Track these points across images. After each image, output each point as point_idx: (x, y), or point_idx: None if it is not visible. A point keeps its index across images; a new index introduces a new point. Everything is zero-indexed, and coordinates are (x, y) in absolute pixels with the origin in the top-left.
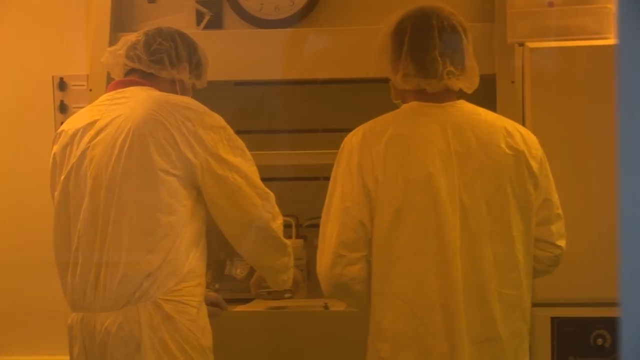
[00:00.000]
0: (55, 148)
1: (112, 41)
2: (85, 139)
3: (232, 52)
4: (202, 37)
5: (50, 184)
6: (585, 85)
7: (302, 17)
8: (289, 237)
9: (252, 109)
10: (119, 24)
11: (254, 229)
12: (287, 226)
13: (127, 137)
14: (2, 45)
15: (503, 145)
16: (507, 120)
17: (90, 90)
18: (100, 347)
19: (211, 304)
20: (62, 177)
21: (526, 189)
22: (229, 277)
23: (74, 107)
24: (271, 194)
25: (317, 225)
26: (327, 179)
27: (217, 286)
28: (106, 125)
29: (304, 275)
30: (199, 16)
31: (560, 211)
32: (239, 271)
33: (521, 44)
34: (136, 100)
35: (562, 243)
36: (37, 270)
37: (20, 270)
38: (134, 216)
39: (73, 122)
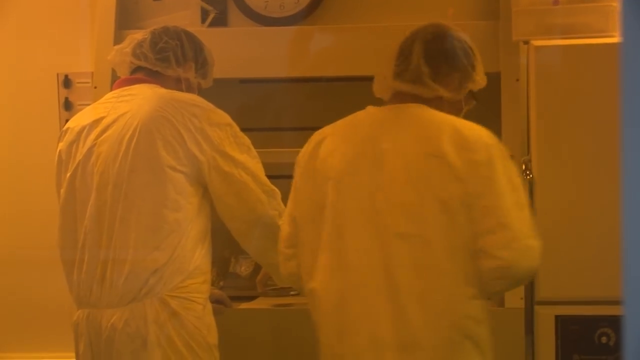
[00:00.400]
0: (61, 145)
1: (117, 39)
2: (92, 136)
3: (237, 50)
4: (206, 35)
5: (55, 181)
6: (590, 83)
7: (307, 14)
8: None
9: (257, 107)
10: (124, 21)
11: (260, 226)
12: None
13: (134, 134)
14: (7, 42)
15: (429, 148)
16: (455, 122)
17: (95, 87)
18: (107, 343)
19: (216, 301)
20: (69, 174)
21: (450, 193)
22: (233, 274)
23: (78, 105)
24: (277, 191)
25: None
26: None
27: (221, 284)
28: (113, 122)
29: None
30: (204, 14)
31: (507, 220)
32: (243, 269)
33: (526, 42)
34: (143, 98)
35: (504, 254)
36: (42, 267)
37: (25, 268)
38: (141, 212)
39: (79, 120)
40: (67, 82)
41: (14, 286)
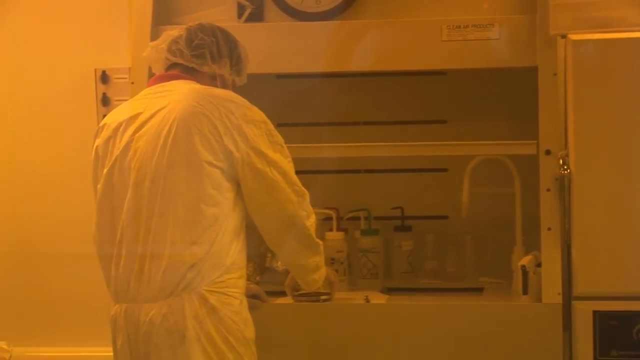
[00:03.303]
0: (98, 141)
1: (154, 34)
2: (129, 132)
3: (273, 45)
4: (243, 30)
5: (92, 177)
6: (628, 77)
7: (343, 9)
8: (329, 229)
9: (293, 102)
10: (161, 17)
11: (290, 226)
12: (328, 219)
13: (171, 129)
14: (46, 38)
15: None
16: None
17: (132, 83)
18: (144, 338)
19: (252, 296)
20: (106, 170)
21: None
22: (270, 269)
23: (116, 100)
24: (306, 192)
25: (358, 218)
26: (368, 171)
27: (258, 279)
28: (150, 118)
29: (344, 268)
30: (240, 9)
31: None
32: (279, 264)
33: (563, 36)
34: (180, 93)
35: None
36: (79, 262)
37: (62, 262)
38: (179, 207)
39: (115, 116)
40: (104, 78)
41: (52, 281)
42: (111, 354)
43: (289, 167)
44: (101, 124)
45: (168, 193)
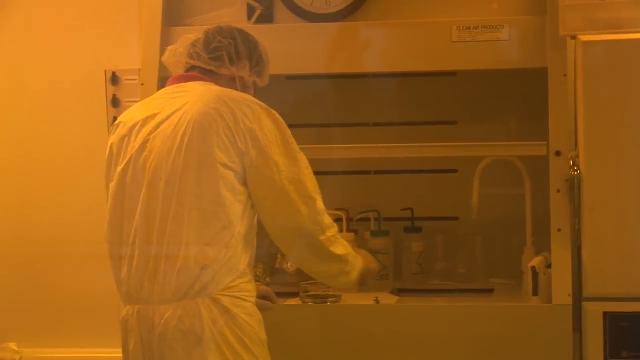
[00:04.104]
0: (113, 139)
1: (164, 36)
2: (145, 131)
3: (283, 47)
4: (253, 32)
5: (105, 176)
6: (639, 78)
7: (353, 10)
8: (339, 231)
9: (303, 103)
10: (171, 18)
11: (298, 236)
12: (337, 220)
13: (187, 130)
14: (56, 39)
15: None
16: None
17: (142, 84)
18: (160, 339)
19: (262, 297)
20: (120, 169)
21: None
22: (280, 271)
23: (126, 102)
24: (322, 206)
25: (368, 220)
26: (378, 173)
27: (268, 280)
28: (166, 118)
29: None
30: (250, 10)
31: None
32: (289, 265)
33: (573, 37)
34: (196, 94)
35: None
36: (90, 263)
37: (73, 264)
38: (193, 208)
39: (132, 114)
40: (114, 79)
41: (62, 282)
42: (121, 355)
43: (301, 176)
44: (117, 122)
45: (183, 194)
